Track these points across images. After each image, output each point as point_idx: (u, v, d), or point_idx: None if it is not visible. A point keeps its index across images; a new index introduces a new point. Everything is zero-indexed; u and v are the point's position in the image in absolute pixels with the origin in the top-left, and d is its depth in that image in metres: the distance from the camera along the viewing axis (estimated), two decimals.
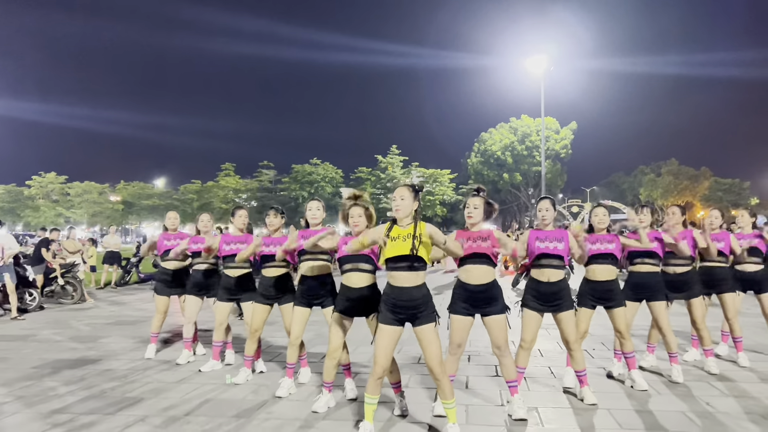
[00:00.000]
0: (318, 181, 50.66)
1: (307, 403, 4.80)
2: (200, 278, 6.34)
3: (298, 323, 5.05)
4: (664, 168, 69.72)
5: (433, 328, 3.86)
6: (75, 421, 4.43)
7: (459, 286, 4.47)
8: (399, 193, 4.00)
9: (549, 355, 6.64)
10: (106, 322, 9.45)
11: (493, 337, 4.39)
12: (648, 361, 6.03)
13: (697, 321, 5.77)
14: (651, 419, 4.39)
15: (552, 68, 35.36)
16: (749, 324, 8.16)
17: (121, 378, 5.75)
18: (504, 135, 59.73)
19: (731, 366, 6.02)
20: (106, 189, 60.01)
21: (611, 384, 5.39)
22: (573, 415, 4.53)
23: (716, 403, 4.76)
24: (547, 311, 4.74)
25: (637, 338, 7.07)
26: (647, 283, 5.49)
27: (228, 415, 4.55)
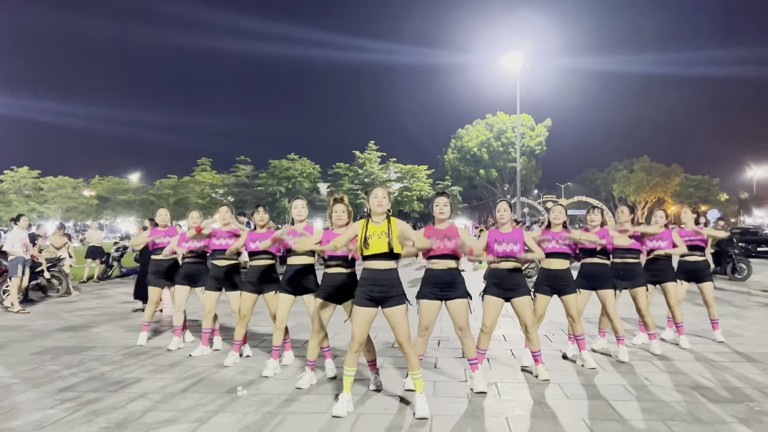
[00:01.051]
0: (295, 177, 50.90)
1: (292, 382, 5.34)
2: (190, 270, 6.82)
3: (283, 308, 5.57)
4: (636, 164, 71.30)
5: (403, 309, 4.42)
6: (82, 398, 4.92)
7: (426, 275, 5.04)
8: (383, 193, 4.57)
9: (511, 340, 7.26)
10: (94, 314, 9.86)
11: (456, 320, 4.96)
12: (599, 344, 6.66)
13: (642, 308, 6.42)
14: (594, 391, 5.02)
15: (528, 65, 36.05)
16: (695, 312, 8.91)
17: (118, 362, 6.22)
18: (480, 131, 60.60)
19: (673, 348, 6.69)
20: (80, 184, 59.49)
21: (565, 363, 6.02)
22: (527, 388, 5.14)
23: (653, 378, 5.41)
24: (505, 297, 5.33)
25: (591, 325, 7.75)
26: (597, 273, 6.13)
27: (220, 392, 5.08)
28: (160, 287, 7.21)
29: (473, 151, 59.84)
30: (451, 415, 4.43)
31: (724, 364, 5.94)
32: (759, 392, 4.95)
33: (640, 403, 4.66)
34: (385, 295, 4.41)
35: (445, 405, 4.66)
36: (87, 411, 4.57)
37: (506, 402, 4.75)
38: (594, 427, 4.14)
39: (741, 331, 7.70)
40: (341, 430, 4.15)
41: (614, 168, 75.92)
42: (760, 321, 8.52)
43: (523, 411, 4.52)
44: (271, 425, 4.24)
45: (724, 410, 4.49)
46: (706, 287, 7.04)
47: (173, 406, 4.70)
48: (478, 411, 4.53)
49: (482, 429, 4.15)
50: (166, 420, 4.36)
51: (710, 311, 7.10)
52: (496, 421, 4.29)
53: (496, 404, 4.70)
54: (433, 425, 4.21)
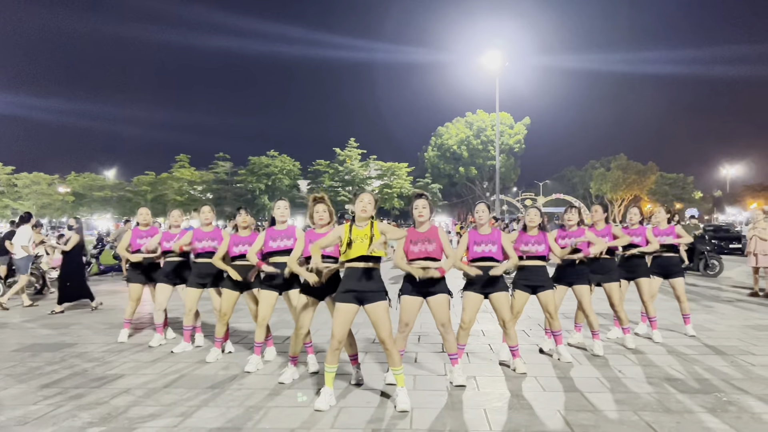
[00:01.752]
0: (275, 174, 50.78)
1: (274, 377, 5.42)
2: (171, 268, 6.84)
3: (265, 305, 5.64)
4: (613, 162, 72.22)
5: (384, 306, 4.52)
6: (65, 394, 4.95)
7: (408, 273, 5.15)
8: (369, 198, 4.66)
9: (490, 335, 7.41)
10: (73, 311, 9.81)
11: (437, 316, 5.07)
12: (575, 338, 6.83)
13: (615, 303, 6.60)
14: (570, 384, 5.18)
15: (507, 64, 36.35)
16: (667, 307, 9.15)
17: (99, 359, 6.24)
18: (460, 129, 60.97)
19: (646, 342, 6.88)
20: (55, 180, 58.64)
21: (541, 357, 6.17)
22: (505, 381, 5.28)
23: (626, 370, 5.59)
24: (484, 293, 5.46)
25: (567, 320, 7.93)
26: (573, 269, 6.28)
27: (203, 387, 5.13)
28: (140, 284, 7.22)
29: (453, 149, 60.21)
30: (431, 407, 4.55)
31: (694, 356, 6.14)
32: (726, 383, 5.15)
33: (614, 395, 4.82)
34: (367, 293, 4.51)
35: (425, 398, 4.77)
36: (71, 406, 4.60)
37: (485, 395, 4.88)
38: (569, 418, 4.28)
39: (711, 325, 7.94)
40: (324, 423, 4.24)
41: (591, 166, 76.92)
42: (730, 316, 8.78)
43: (501, 403, 4.65)
44: (254, 419, 4.31)
45: (693, 400, 4.67)
46: (678, 283, 7.25)
47: (157, 401, 4.75)
48: (457, 403, 4.66)
49: (461, 421, 4.27)
50: (150, 415, 4.41)
51: (682, 306, 7.31)
52: (475, 413, 4.42)
53: (475, 397, 4.83)
54: (414, 417, 4.32)
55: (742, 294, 11.49)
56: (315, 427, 4.15)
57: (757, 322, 8.19)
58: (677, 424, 4.16)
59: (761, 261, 11.06)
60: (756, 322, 8.25)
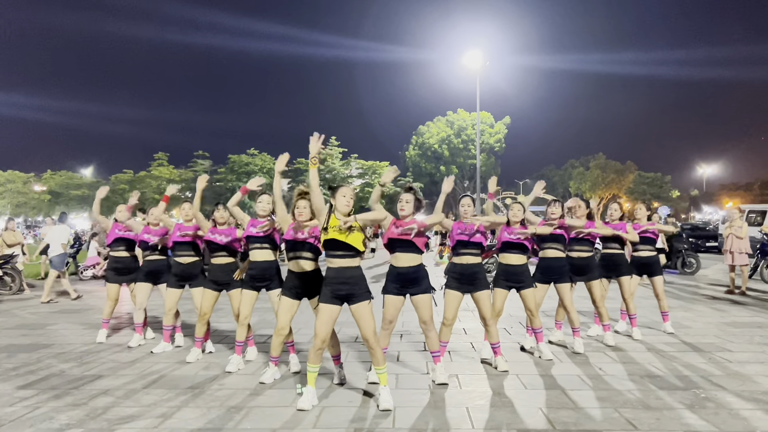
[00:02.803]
0: (255, 172, 50.37)
1: (255, 377, 5.37)
2: (151, 267, 6.75)
3: (246, 305, 5.59)
4: (592, 162, 72.91)
5: (368, 305, 4.50)
6: (42, 395, 4.85)
7: (390, 271, 5.14)
8: (351, 194, 4.62)
9: (471, 333, 7.43)
10: (50, 311, 9.65)
11: (420, 313, 5.07)
12: (556, 335, 6.87)
13: (597, 300, 6.65)
14: (551, 381, 5.21)
15: (488, 63, 36.46)
16: (647, 305, 9.25)
17: (77, 359, 6.14)
18: (441, 128, 61.09)
19: (626, 339, 6.95)
20: (31, 178, 57.76)
21: (523, 355, 6.20)
22: (487, 379, 5.30)
23: (607, 368, 5.63)
24: (466, 291, 5.47)
25: (548, 318, 7.98)
26: (554, 267, 6.32)
27: (183, 387, 5.07)
28: (118, 284, 7.11)
29: (434, 148, 60.32)
30: (414, 406, 4.54)
31: (673, 354, 6.22)
32: (704, 380, 5.21)
33: (595, 392, 4.86)
34: (351, 293, 4.48)
35: (408, 396, 4.76)
36: (48, 408, 4.52)
37: (467, 393, 4.89)
38: (550, 416, 4.30)
39: (689, 323, 8.05)
40: (306, 422, 4.21)
41: (571, 165, 77.59)
42: (707, 313, 8.91)
43: (483, 401, 4.66)
44: (236, 419, 4.27)
45: (673, 397, 4.72)
46: (657, 281, 7.33)
47: (136, 402, 4.68)
48: (439, 402, 4.65)
49: (444, 419, 4.27)
50: (130, 416, 4.34)
51: (660, 304, 7.39)
52: (457, 411, 4.42)
53: (457, 395, 4.83)
54: (397, 416, 4.31)
55: (719, 291, 11.66)
56: (297, 427, 4.12)
57: (734, 319, 8.31)
58: (657, 420, 4.20)
59: (737, 259, 11.23)
60: (732, 319, 8.38)
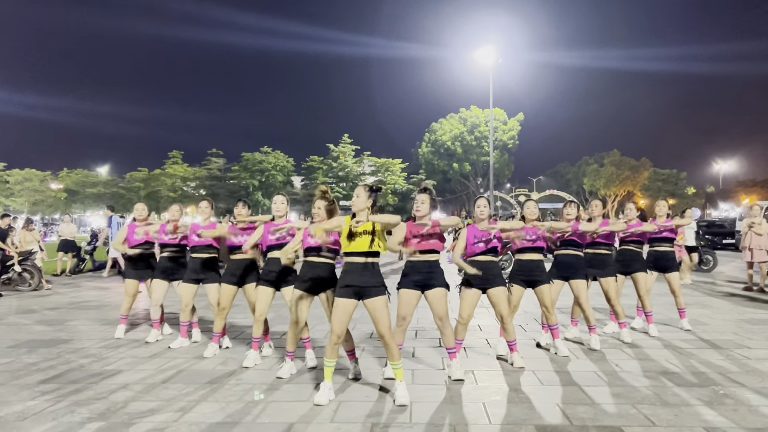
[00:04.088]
0: (269, 170, 50.54)
1: (272, 372, 5.41)
2: (168, 264, 6.82)
3: (263, 301, 5.63)
4: (606, 159, 72.25)
5: (384, 301, 4.52)
6: (63, 389, 4.93)
7: (407, 265, 5.16)
8: (356, 191, 4.64)
9: (487, 329, 7.43)
10: (69, 307, 9.78)
11: (435, 310, 5.08)
12: (572, 333, 6.86)
13: (611, 298, 6.62)
14: (567, 377, 5.20)
15: (500, 60, 36.22)
16: (663, 302, 9.19)
17: (96, 355, 6.22)
18: (454, 125, 60.90)
19: (643, 336, 6.92)
20: (47, 177, 58.34)
21: (539, 352, 6.19)
22: (503, 375, 5.30)
23: (623, 364, 5.61)
24: (482, 287, 5.47)
25: (564, 314, 7.96)
26: (570, 263, 6.31)
27: (201, 382, 5.12)
28: (136, 280, 7.18)
29: (447, 145, 60.17)
30: (430, 401, 4.55)
31: (690, 350, 6.18)
32: (722, 377, 5.18)
33: (611, 388, 4.85)
34: (366, 288, 4.50)
35: (424, 392, 4.78)
36: (69, 402, 4.59)
37: (483, 389, 4.90)
38: (567, 412, 4.30)
39: (706, 319, 7.99)
40: (322, 417, 4.24)
41: (585, 162, 76.94)
42: (724, 310, 8.84)
43: (500, 397, 4.67)
44: (253, 413, 4.31)
45: (690, 393, 4.70)
46: (673, 277, 7.28)
47: (155, 396, 4.74)
48: (456, 397, 4.67)
49: (461, 414, 4.28)
50: (149, 410, 4.40)
51: (677, 300, 7.34)
52: (474, 407, 4.43)
53: (473, 391, 4.84)
54: (413, 411, 4.33)
55: (737, 288, 11.56)
56: (314, 421, 4.15)
57: (752, 316, 8.24)
58: (675, 416, 4.19)
59: (756, 256, 11.12)
60: (750, 316, 8.30)
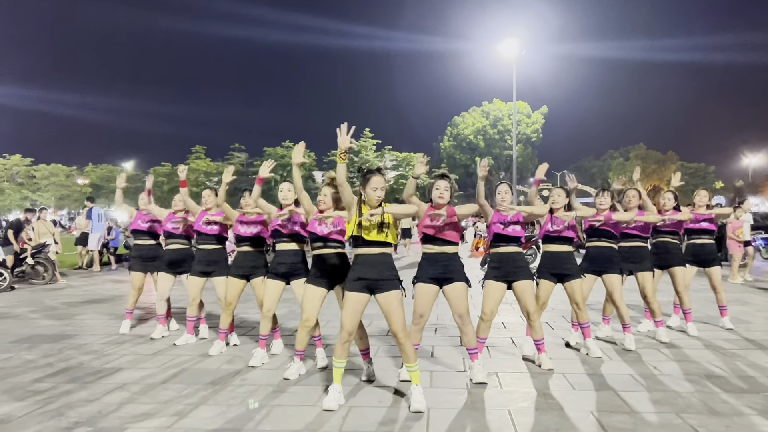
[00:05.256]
0: (290, 164, 50.41)
1: (280, 372, 5.03)
2: (174, 256, 6.48)
3: (271, 296, 5.26)
4: (632, 152, 70.91)
5: (398, 295, 4.10)
6: (56, 389, 4.61)
7: (423, 258, 4.75)
8: (382, 184, 4.21)
9: (511, 327, 6.97)
10: (80, 301, 9.54)
11: (455, 306, 4.66)
12: (603, 331, 6.38)
13: (648, 294, 6.13)
14: (601, 381, 4.74)
15: (524, 52, 35.52)
16: (700, 298, 8.63)
17: (98, 351, 5.91)
18: (476, 119, 60.13)
19: (680, 335, 6.41)
20: (73, 172, 59.04)
21: (568, 352, 5.73)
22: (530, 378, 4.85)
23: (661, 366, 5.13)
24: (507, 281, 5.03)
25: (594, 311, 7.46)
26: (603, 256, 5.82)
27: (204, 382, 4.77)
28: (143, 272, 6.88)
29: (469, 139, 59.43)
30: (449, 407, 4.13)
31: (734, 351, 5.67)
32: None
33: (650, 394, 4.38)
34: (379, 281, 4.09)
35: (442, 396, 4.36)
36: (59, 404, 4.26)
37: (508, 393, 4.46)
38: (603, 420, 3.85)
39: (748, 317, 7.44)
40: (331, 424, 3.84)
41: (610, 156, 75.64)
42: (766, 307, 8.26)
43: (527, 403, 4.23)
44: (256, 419, 3.93)
45: (740, 401, 4.21)
46: (714, 272, 6.75)
47: (152, 398, 4.39)
48: (478, 403, 4.24)
49: (483, 422, 3.86)
50: (143, 414, 4.05)
51: (718, 297, 6.81)
52: (498, 414, 4.00)
53: (497, 396, 4.40)
54: (431, 418, 3.91)
55: None
56: (321, 429, 3.76)
57: None
58: (727, 428, 3.71)
59: None
60: None
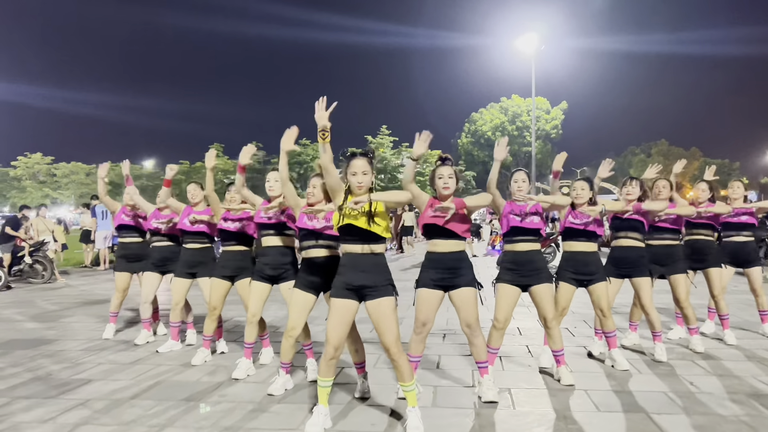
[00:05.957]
0: (307, 162, 50.02)
1: (265, 386, 4.47)
2: (160, 254, 5.97)
3: (256, 299, 4.71)
4: (654, 148, 69.49)
5: (391, 303, 3.50)
6: (10, 405, 4.10)
7: (427, 258, 4.17)
8: (363, 167, 3.62)
9: (528, 334, 6.35)
10: (74, 301, 9.10)
11: (462, 314, 4.06)
12: (630, 339, 5.75)
13: (681, 298, 5.48)
14: (630, 400, 4.11)
15: (543, 47, 34.69)
16: (736, 301, 7.91)
17: (72, 359, 5.42)
18: (494, 115, 59.33)
19: (717, 344, 5.75)
20: (93, 170, 59.35)
21: (591, 364, 5.11)
22: (548, 396, 4.24)
23: (700, 382, 4.48)
24: (522, 284, 4.42)
25: (619, 316, 6.81)
26: (630, 257, 5.18)
27: (177, 398, 4.23)
28: (128, 273, 6.38)
29: (487, 135, 58.62)
30: None
31: None
32: None
33: (691, 417, 3.74)
34: (369, 287, 3.50)
35: (445, 419, 3.77)
36: (8, 425, 3.74)
37: (522, 415, 3.84)
38: None
39: None
40: None
41: (631, 152, 74.21)
42: None
43: (544, 427, 3.62)
44: None
45: None
46: (754, 273, 6.05)
47: (114, 418, 3.85)
48: (487, 427, 3.64)
49: None
50: None
51: (758, 301, 6.11)
52: None
53: (509, 418, 3.80)
54: None
55: None
56: None
57: None
58: None
59: None
60: None
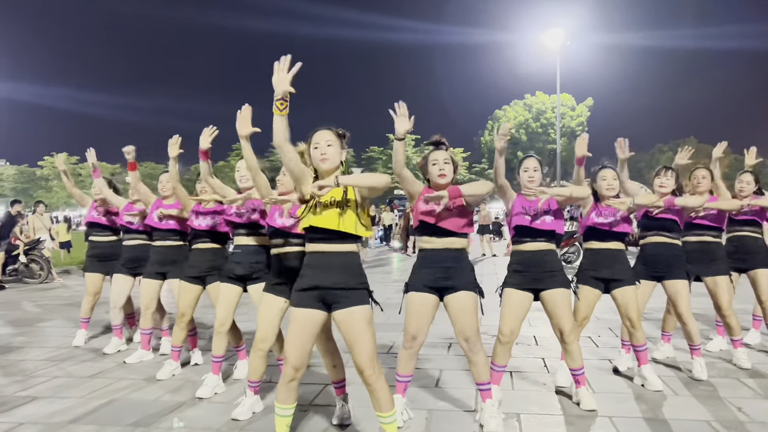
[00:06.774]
0: None
1: (232, 407, 3.83)
2: (133, 253, 5.39)
3: (225, 305, 4.07)
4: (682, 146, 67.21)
5: (364, 313, 2.80)
6: None
7: (419, 257, 3.50)
8: (329, 137, 2.92)
9: (545, 344, 5.61)
10: (60, 303, 8.59)
11: (459, 324, 3.36)
12: (663, 351, 5.00)
13: (723, 305, 4.69)
14: (664, 430, 3.37)
15: (568, 43, 33.74)
16: None
17: (28, 371, 4.84)
18: (518, 112, 58.33)
19: (765, 358, 4.96)
20: (117, 170, 59.78)
21: (617, 382, 4.36)
22: (564, 425, 3.51)
23: (749, 407, 3.71)
24: (534, 289, 3.70)
25: (650, 323, 6.03)
26: (664, 256, 4.42)
27: (124, 423, 3.59)
28: (100, 274, 5.82)
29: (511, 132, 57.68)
30: None
31: None
32: None
33: None
34: (337, 292, 2.80)
35: None
36: None
37: None
38: None
39: None
40: None
41: (658, 150, 72.36)
42: None
43: None
44: None
45: None
46: None
47: None
48: None
49: None
50: None
51: None
52: None
53: None
54: None
55: None
56: None
57: None
58: None
59: None
60: None
